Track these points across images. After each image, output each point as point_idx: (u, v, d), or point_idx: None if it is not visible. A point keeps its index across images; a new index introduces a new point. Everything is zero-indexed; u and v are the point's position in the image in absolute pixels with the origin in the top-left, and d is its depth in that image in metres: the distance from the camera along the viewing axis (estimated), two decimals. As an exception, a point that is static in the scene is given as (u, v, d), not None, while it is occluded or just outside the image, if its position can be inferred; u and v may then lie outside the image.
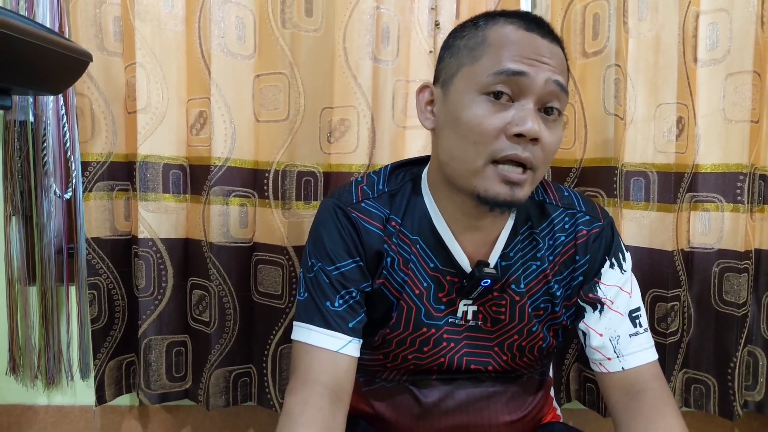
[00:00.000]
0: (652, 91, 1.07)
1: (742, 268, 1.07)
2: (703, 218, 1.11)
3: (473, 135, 0.62)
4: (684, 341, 1.12)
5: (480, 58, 0.63)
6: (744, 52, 1.05)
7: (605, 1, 1.06)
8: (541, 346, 0.77)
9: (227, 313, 1.11)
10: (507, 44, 0.63)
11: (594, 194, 1.11)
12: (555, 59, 0.64)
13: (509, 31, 0.63)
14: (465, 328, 0.75)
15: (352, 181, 0.77)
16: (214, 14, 1.04)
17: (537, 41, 0.63)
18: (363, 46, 1.05)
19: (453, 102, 0.65)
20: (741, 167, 1.07)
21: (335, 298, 0.70)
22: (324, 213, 0.74)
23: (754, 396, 1.13)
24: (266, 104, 1.09)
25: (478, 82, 0.63)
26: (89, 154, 1.08)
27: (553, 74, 0.62)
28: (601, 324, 0.73)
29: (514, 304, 0.74)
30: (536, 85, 0.62)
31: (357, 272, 0.71)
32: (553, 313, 0.75)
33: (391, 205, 0.74)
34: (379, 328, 0.74)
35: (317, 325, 0.68)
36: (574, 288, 0.75)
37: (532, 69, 0.61)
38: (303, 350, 0.68)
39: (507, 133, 0.62)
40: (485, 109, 0.62)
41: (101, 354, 1.12)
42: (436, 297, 0.73)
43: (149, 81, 1.06)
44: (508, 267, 0.73)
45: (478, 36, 0.65)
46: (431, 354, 0.75)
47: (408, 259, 0.73)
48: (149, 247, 1.09)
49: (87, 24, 1.06)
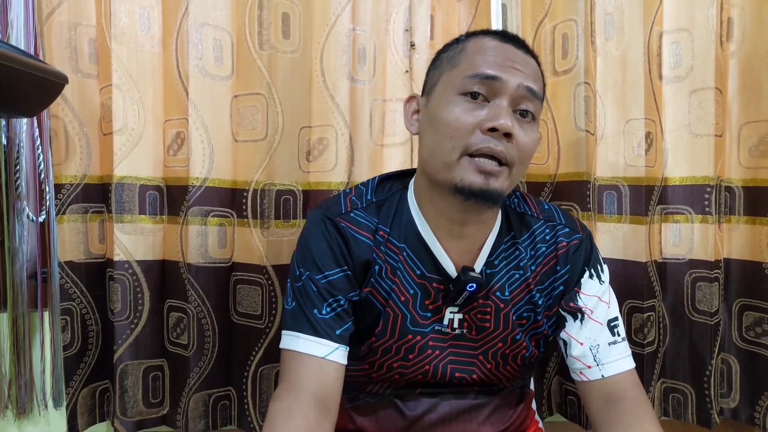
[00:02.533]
0: (620, 108, 1.11)
1: (713, 278, 1.10)
2: (674, 229, 1.14)
3: (450, 130, 0.66)
4: (661, 351, 1.14)
5: (459, 65, 0.69)
6: (706, 69, 1.10)
7: (573, 22, 1.10)
8: (524, 355, 0.78)
9: (206, 335, 1.09)
10: (483, 51, 0.68)
11: (569, 208, 1.13)
12: (528, 68, 0.69)
13: (486, 41, 0.70)
14: (451, 337, 0.76)
15: (340, 193, 0.79)
16: (192, 36, 1.05)
17: (511, 51, 0.69)
18: (340, 66, 1.07)
19: (434, 105, 0.70)
20: (708, 179, 1.11)
21: (323, 306, 0.71)
22: (312, 224, 0.76)
23: (729, 403, 1.16)
24: (244, 124, 1.09)
25: (456, 84, 0.68)
26: (63, 176, 1.06)
27: (525, 80, 0.67)
28: (581, 333, 0.75)
29: (499, 311, 0.75)
30: (509, 87, 0.66)
31: (345, 281, 0.73)
32: (535, 323, 0.77)
33: (379, 214, 0.76)
34: (365, 338, 0.75)
35: (305, 333, 0.69)
36: (555, 298, 0.77)
37: (505, 74, 0.66)
38: (291, 357, 0.69)
39: (481, 128, 0.65)
40: (462, 107, 0.67)
41: (74, 382, 1.08)
42: (423, 304, 0.75)
43: (125, 102, 1.06)
44: (493, 274, 0.75)
45: (458, 48, 0.71)
46: (416, 362, 0.76)
47: (395, 266, 0.74)
48: (125, 269, 1.07)
49: (61, 46, 1.05)
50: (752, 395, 1.13)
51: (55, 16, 1.03)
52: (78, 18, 1.05)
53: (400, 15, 1.11)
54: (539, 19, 1.14)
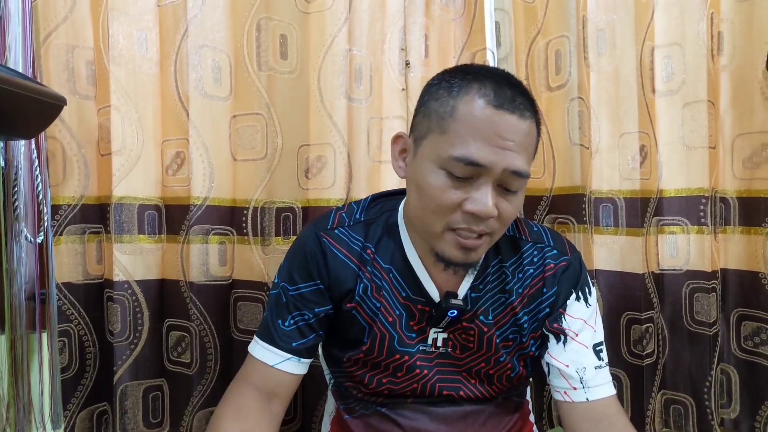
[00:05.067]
0: (614, 122, 1.12)
1: (710, 288, 1.11)
2: (671, 241, 1.15)
3: (432, 204, 0.66)
4: (660, 362, 1.14)
5: (447, 132, 0.64)
6: (698, 82, 1.12)
7: (566, 38, 1.12)
8: (509, 376, 0.79)
9: (208, 353, 1.09)
10: (473, 125, 0.62)
11: (565, 221, 1.14)
12: (521, 138, 0.63)
13: (478, 108, 0.63)
14: (436, 355, 0.77)
15: (334, 208, 0.81)
16: (191, 58, 1.06)
17: (504, 121, 0.62)
18: (337, 86, 1.08)
19: (419, 164, 0.67)
20: (702, 191, 1.12)
21: (287, 317, 0.75)
22: (302, 236, 0.79)
23: (729, 414, 1.16)
24: (243, 144, 1.10)
25: (440, 156, 0.64)
26: (60, 197, 1.07)
27: (513, 162, 0.63)
28: (566, 355, 0.75)
29: (482, 334, 0.76)
30: (495, 172, 0.63)
31: (315, 295, 0.76)
32: (521, 344, 0.78)
33: (366, 234, 0.77)
34: (348, 349, 0.78)
35: (263, 340, 0.76)
36: (540, 319, 0.77)
37: (492, 158, 0.62)
38: (248, 359, 0.77)
39: (463, 208, 0.64)
40: (444, 183, 0.64)
41: (72, 404, 1.08)
42: (408, 325, 0.76)
43: (124, 123, 1.06)
44: (477, 299, 0.76)
45: (449, 104, 0.65)
46: (405, 379, 0.78)
47: (380, 286, 0.75)
48: (125, 290, 1.07)
49: (59, 69, 1.06)
50: (752, 405, 1.13)
51: (52, 38, 1.04)
52: (75, 40, 1.05)
53: (395, 35, 1.13)
54: (532, 36, 1.16)
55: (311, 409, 1.11)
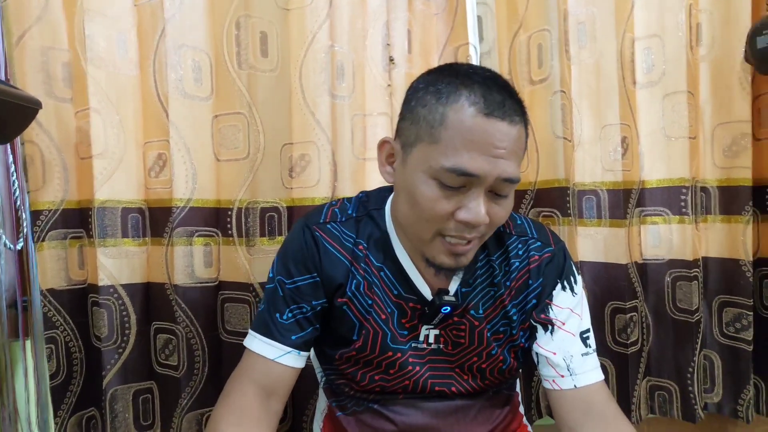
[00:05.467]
0: (596, 114, 1.13)
1: (692, 276, 1.13)
2: (653, 231, 1.17)
3: (424, 214, 0.66)
4: (645, 350, 1.16)
5: (438, 141, 0.63)
6: (677, 74, 1.13)
7: (547, 32, 1.12)
8: (501, 368, 0.80)
9: (195, 355, 1.08)
10: (464, 135, 0.62)
11: (550, 214, 1.15)
12: (511, 144, 0.63)
13: (469, 117, 0.62)
14: (428, 352, 0.78)
15: (326, 203, 0.81)
16: (170, 58, 1.04)
17: (495, 129, 0.62)
18: (319, 83, 1.08)
19: (410, 173, 0.67)
20: (684, 181, 1.14)
21: (285, 311, 0.75)
22: (294, 230, 0.79)
23: (712, 398, 1.19)
24: (226, 144, 1.09)
25: (432, 167, 0.64)
26: (40, 202, 1.05)
27: (505, 169, 0.63)
28: (553, 343, 0.77)
29: (474, 328, 0.77)
30: (487, 180, 0.63)
31: (311, 288, 0.75)
32: (511, 336, 0.79)
33: (358, 230, 0.77)
34: (339, 346, 0.78)
35: (261, 334, 0.75)
36: (528, 311, 0.78)
37: (485, 168, 0.62)
38: (246, 354, 0.76)
39: (456, 217, 0.65)
40: (436, 193, 0.65)
41: (62, 411, 1.07)
42: (400, 323, 0.77)
43: (105, 126, 1.05)
44: (468, 293, 0.77)
45: (438, 112, 0.64)
46: (397, 377, 0.78)
47: (372, 283, 0.76)
48: (110, 294, 1.06)
49: (34, 70, 1.03)
50: (734, 389, 1.16)
51: (26, 39, 1.02)
52: (50, 42, 1.03)
53: (377, 30, 1.12)
54: (515, 30, 1.16)
55: (302, 407, 1.12)
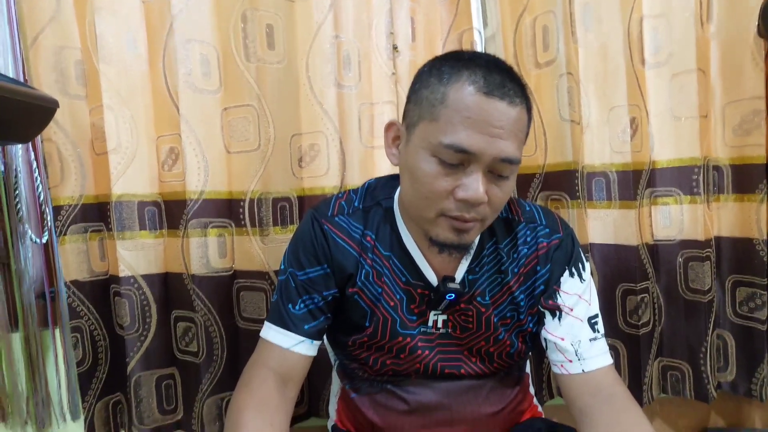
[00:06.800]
0: (603, 96, 1.13)
1: (704, 257, 1.12)
2: (664, 212, 1.16)
3: (425, 191, 0.67)
4: (657, 331, 1.17)
5: (438, 119, 0.65)
6: (687, 52, 1.11)
7: (552, 14, 1.11)
8: (509, 352, 0.81)
9: (214, 342, 1.12)
10: (463, 113, 0.63)
11: (558, 198, 1.15)
12: (510, 124, 0.64)
13: (468, 95, 0.63)
14: (437, 336, 0.80)
15: (334, 195, 0.83)
16: (179, 53, 1.06)
17: (494, 108, 0.63)
18: (326, 74, 1.09)
19: (412, 151, 0.69)
20: (695, 161, 1.13)
21: (297, 302, 0.77)
22: (303, 222, 0.81)
23: (726, 377, 1.18)
24: (236, 136, 1.11)
25: (431, 143, 0.65)
26: (61, 198, 1.09)
27: (503, 149, 0.64)
28: (561, 329, 0.78)
29: (481, 315, 0.78)
30: (485, 159, 0.64)
31: (323, 279, 0.78)
32: (519, 321, 0.80)
33: (365, 221, 0.79)
34: (352, 333, 0.80)
35: (276, 324, 0.77)
36: (536, 297, 0.79)
37: (482, 146, 0.63)
38: (261, 343, 0.79)
39: (455, 195, 0.66)
40: (436, 170, 0.66)
41: (89, 396, 1.12)
42: (409, 308, 0.79)
43: (118, 122, 1.08)
44: (475, 281, 0.78)
45: (439, 91, 0.65)
46: (407, 360, 0.80)
47: (381, 272, 0.78)
48: (131, 284, 1.10)
49: (48, 69, 1.06)
50: (748, 368, 1.16)
51: (40, 40, 1.05)
52: (63, 41, 1.06)
53: (382, 19, 1.13)
54: (519, 13, 1.15)
55: (318, 391, 1.15)
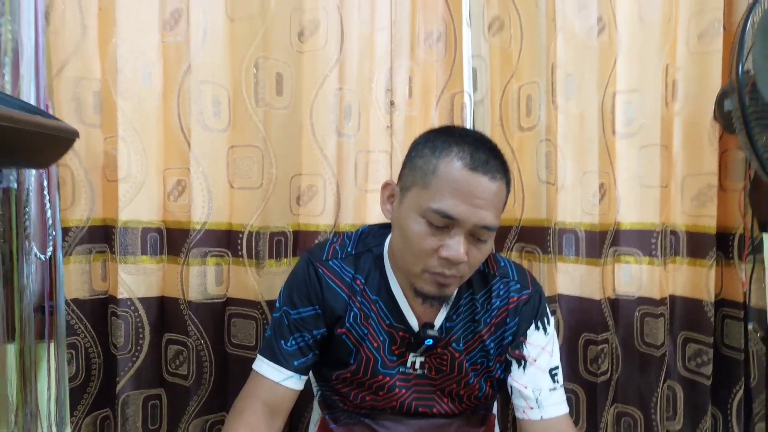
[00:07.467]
0: (578, 161, 1.24)
1: (659, 314, 1.23)
2: (625, 270, 1.27)
3: (413, 248, 0.77)
4: (613, 379, 1.27)
5: (429, 187, 0.76)
6: (654, 126, 1.24)
7: (536, 84, 1.23)
8: (477, 395, 0.91)
9: (204, 366, 1.18)
10: (451, 184, 0.74)
11: (532, 250, 1.26)
12: (491, 197, 0.75)
13: (456, 169, 0.74)
14: (414, 377, 0.89)
15: (328, 240, 0.92)
16: (193, 92, 1.15)
17: (477, 182, 0.73)
18: (328, 122, 1.19)
19: (404, 211, 0.79)
20: (654, 225, 1.24)
21: (289, 339, 0.85)
22: (299, 264, 0.90)
23: (674, 426, 1.29)
24: (240, 173, 1.19)
25: (422, 206, 0.76)
26: (70, 220, 1.15)
27: (483, 218, 0.74)
28: (525, 377, 0.87)
29: (454, 359, 0.88)
30: (467, 225, 0.74)
31: (314, 319, 0.86)
32: (488, 368, 0.90)
33: (356, 266, 0.88)
34: (336, 368, 0.88)
35: (268, 358, 0.85)
36: (505, 346, 0.89)
37: (466, 214, 0.73)
38: (253, 375, 0.86)
39: (438, 254, 0.76)
40: (424, 230, 0.76)
41: (78, 411, 1.17)
42: (390, 349, 0.88)
43: (130, 152, 1.15)
44: (451, 328, 0.88)
45: (431, 163, 0.76)
46: (385, 397, 0.89)
47: (368, 315, 0.87)
48: (128, 306, 1.16)
49: (68, 99, 1.13)
50: (694, 419, 1.26)
51: (64, 72, 1.12)
52: (84, 72, 1.13)
53: (382, 75, 1.23)
54: (507, 80, 1.27)
55: (298, 417, 1.22)
